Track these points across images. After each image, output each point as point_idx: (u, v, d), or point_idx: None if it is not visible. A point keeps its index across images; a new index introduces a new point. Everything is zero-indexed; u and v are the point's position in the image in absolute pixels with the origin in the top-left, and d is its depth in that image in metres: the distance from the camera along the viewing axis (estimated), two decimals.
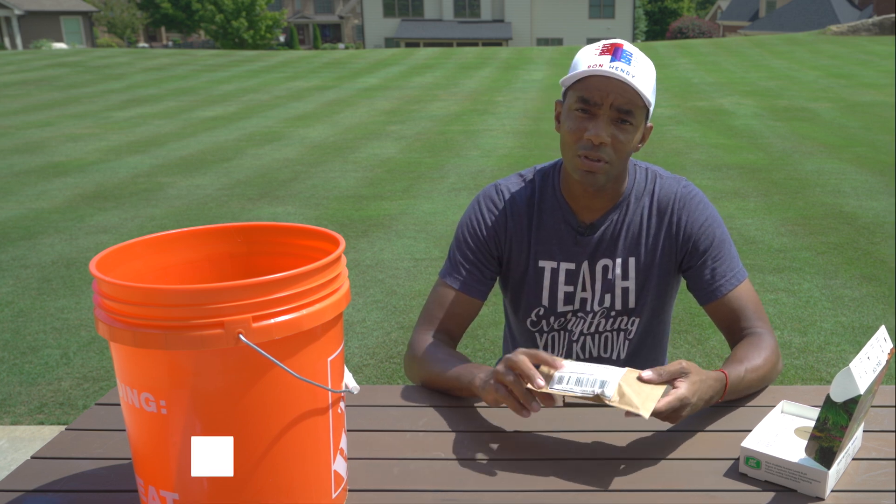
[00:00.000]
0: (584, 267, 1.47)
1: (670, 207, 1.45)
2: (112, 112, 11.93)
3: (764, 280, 4.25)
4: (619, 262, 1.46)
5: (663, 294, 1.50)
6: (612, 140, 1.32)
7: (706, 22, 44.10)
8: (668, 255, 1.46)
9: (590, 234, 1.45)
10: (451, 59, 21.81)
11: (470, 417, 1.27)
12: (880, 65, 16.71)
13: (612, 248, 1.46)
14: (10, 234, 5.47)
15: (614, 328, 1.51)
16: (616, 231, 1.45)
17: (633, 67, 1.29)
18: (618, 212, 1.45)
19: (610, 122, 1.32)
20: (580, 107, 1.33)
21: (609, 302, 1.48)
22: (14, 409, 3.06)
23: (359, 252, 4.92)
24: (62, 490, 1.09)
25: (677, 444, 1.18)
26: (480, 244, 1.48)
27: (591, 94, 1.31)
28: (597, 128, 1.31)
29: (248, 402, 0.92)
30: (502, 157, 8.06)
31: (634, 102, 1.31)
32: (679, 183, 1.47)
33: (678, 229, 1.44)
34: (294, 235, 1.13)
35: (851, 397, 0.96)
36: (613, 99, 1.30)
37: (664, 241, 1.45)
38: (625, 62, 1.29)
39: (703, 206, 1.45)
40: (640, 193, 1.46)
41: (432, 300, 1.49)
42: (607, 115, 1.31)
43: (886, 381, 2.96)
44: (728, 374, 1.22)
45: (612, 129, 1.32)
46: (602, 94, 1.30)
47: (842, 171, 7.11)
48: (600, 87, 1.30)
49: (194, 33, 48.77)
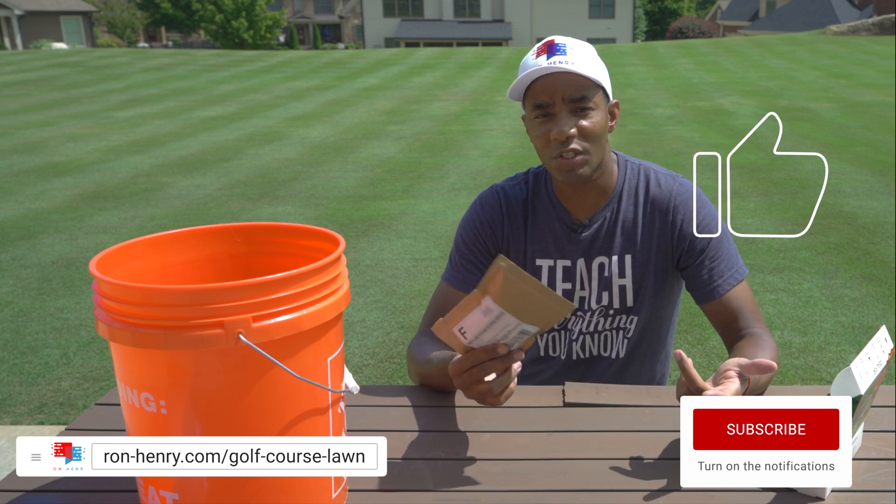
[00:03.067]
0: (580, 264, 1.47)
1: (666, 204, 1.45)
2: (112, 112, 11.93)
3: (764, 280, 4.25)
4: (616, 259, 1.46)
5: (661, 292, 1.49)
6: (578, 129, 1.34)
7: (706, 22, 44.08)
8: (665, 252, 1.46)
9: (583, 231, 1.46)
10: (451, 59, 21.81)
11: (470, 417, 1.27)
12: (880, 65, 16.70)
13: (607, 245, 1.46)
14: (9, 234, 5.47)
15: (613, 327, 1.51)
16: (611, 228, 1.46)
17: (569, 56, 1.32)
18: (609, 208, 1.46)
19: (569, 114, 1.34)
20: (537, 113, 1.36)
21: (607, 300, 1.48)
22: (14, 409, 3.06)
23: (359, 252, 4.92)
24: (62, 490, 1.09)
25: (677, 443, 1.17)
26: (479, 244, 1.49)
27: (541, 96, 1.34)
28: (558, 125, 1.33)
29: (248, 402, 0.92)
30: (502, 157, 8.06)
31: (583, 87, 1.33)
32: (675, 179, 1.47)
33: (674, 227, 1.44)
34: (294, 235, 1.13)
35: (852, 397, 0.96)
36: (562, 92, 1.33)
37: (660, 239, 1.45)
38: (560, 54, 1.32)
39: (699, 203, 1.44)
40: (633, 189, 1.47)
41: (433, 302, 1.50)
42: (564, 110, 1.34)
43: (886, 381, 2.96)
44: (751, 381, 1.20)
45: (573, 120, 1.34)
46: (550, 93, 1.33)
47: (842, 171, 7.10)
48: (546, 86, 1.33)
49: (194, 33, 48.75)
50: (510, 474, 1.10)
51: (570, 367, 1.55)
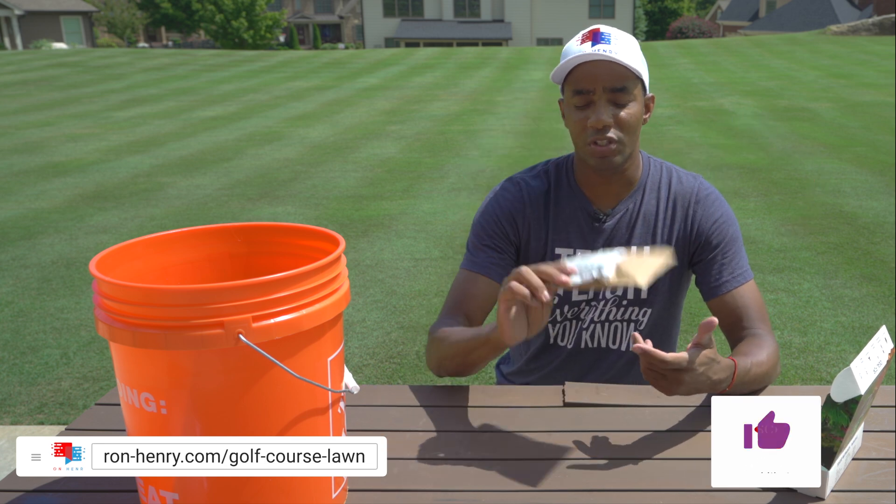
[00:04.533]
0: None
1: (687, 201, 1.47)
2: (112, 112, 11.93)
3: (764, 280, 4.25)
4: (634, 250, 1.47)
5: (675, 286, 1.51)
6: (615, 119, 1.35)
7: (706, 22, 44.09)
8: (682, 248, 1.48)
9: (606, 221, 1.47)
10: (451, 59, 21.80)
11: (470, 417, 1.27)
12: (880, 65, 16.70)
13: (627, 236, 1.47)
14: (9, 234, 5.47)
15: (625, 318, 1.52)
16: (632, 220, 1.47)
17: (613, 45, 1.33)
18: (633, 200, 1.48)
19: (608, 103, 1.35)
20: (577, 98, 1.36)
21: (622, 290, 1.49)
22: (14, 409, 3.06)
23: (359, 252, 4.92)
24: (62, 490, 1.09)
25: (677, 443, 1.17)
26: (499, 228, 1.48)
27: (582, 83, 1.35)
28: (597, 113, 1.35)
29: (248, 402, 0.92)
30: (502, 157, 8.06)
31: (625, 77, 1.34)
32: (696, 179, 1.50)
33: (693, 223, 1.46)
34: (294, 235, 1.13)
35: (852, 397, 0.96)
36: (604, 81, 1.34)
37: (678, 234, 1.47)
38: (605, 43, 1.33)
39: (718, 203, 1.48)
40: (656, 184, 1.49)
41: (452, 289, 1.49)
42: (603, 98, 1.35)
43: (886, 381, 2.96)
44: (737, 364, 1.21)
45: (611, 109, 1.35)
46: (592, 80, 1.34)
47: (842, 171, 7.10)
48: (588, 73, 1.34)
49: (194, 33, 48.75)
50: (510, 474, 1.10)
51: (577, 355, 1.55)
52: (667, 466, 1.11)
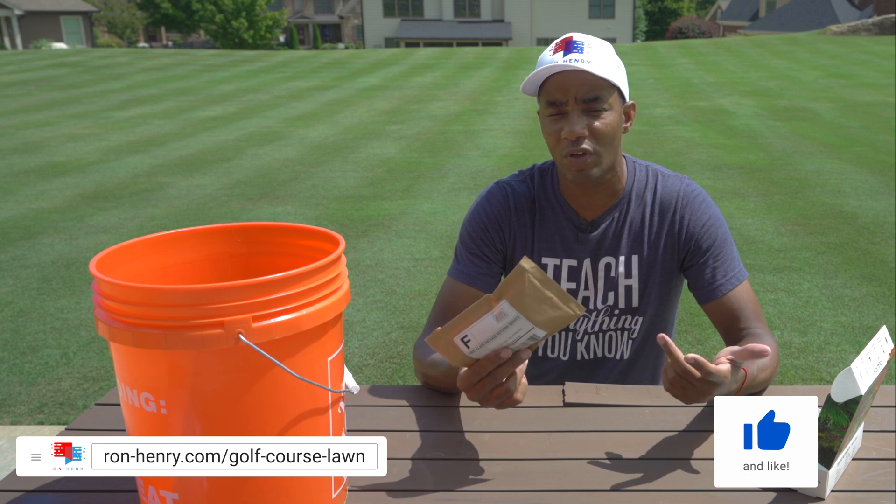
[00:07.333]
0: (586, 264, 1.47)
1: (673, 206, 1.45)
2: (112, 112, 11.92)
3: (764, 280, 4.25)
4: (623, 259, 1.46)
5: (666, 293, 1.50)
6: (590, 129, 1.33)
7: (706, 22, 44.07)
8: (671, 253, 1.46)
9: (591, 231, 1.46)
10: (451, 59, 21.80)
11: (470, 417, 1.27)
12: (880, 65, 16.70)
13: (614, 245, 1.46)
14: (9, 234, 5.47)
15: (618, 327, 1.51)
16: (618, 229, 1.45)
17: (586, 55, 1.31)
18: (618, 209, 1.46)
19: (581, 114, 1.33)
20: (550, 110, 1.35)
21: (612, 300, 1.48)
22: (14, 409, 3.05)
23: (359, 252, 4.92)
24: (62, 490, 1.09)
25: (677, 444, 1.17)
26: (486, 237, 1.48)
27: (554, 94, 1.33)
28: (570, 124, 1.32)
29: (248, 402, 0.92)
30: (502, 157, 8.05)
31: (598, 86, 1.32)
32: (682, 181, 1.47)
33: (680, 228, 1.44)
34: (294, 235, 1.13)
35: (852, 397, 0.96)
36: (576, 92, 1.32)
37: (666, 239, 1.45)
38: (577, 52, 1.31)
39: (706, 205, 1.45)
40: (642, 191, 1.46)
41: (440, 298, 1.49)
42: (577, 109, 1.33)
43: (886, 381, 2.96)
44: (748, 373, 1.21)
45: (585, 120, 1.33)
46: (563, 90, 1.32)
47: (842, 171, 7.10)
48: (560, 84, 1.32)
49: (194, 33, 48.73)
50: (510, 474, 1.10)
51: (574, 368, 1.55)
52: (667, 466, 1.11)
